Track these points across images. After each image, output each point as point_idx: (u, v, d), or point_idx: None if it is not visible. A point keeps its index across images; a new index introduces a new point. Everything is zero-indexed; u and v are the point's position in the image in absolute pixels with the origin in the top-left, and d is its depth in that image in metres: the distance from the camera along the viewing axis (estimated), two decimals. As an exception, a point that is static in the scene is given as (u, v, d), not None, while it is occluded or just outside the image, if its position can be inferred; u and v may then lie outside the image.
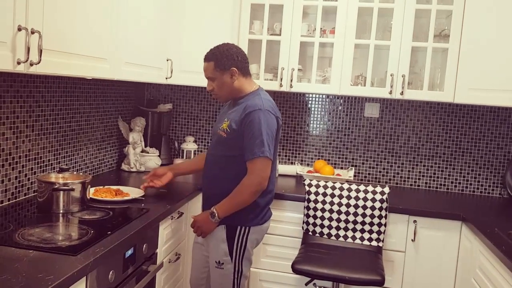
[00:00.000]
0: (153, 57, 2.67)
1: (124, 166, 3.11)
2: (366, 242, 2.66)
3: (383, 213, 2.65)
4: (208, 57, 2.21)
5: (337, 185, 2.74)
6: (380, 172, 3.33)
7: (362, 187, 2.70)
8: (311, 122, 3.38)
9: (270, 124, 2.11)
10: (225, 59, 2.16)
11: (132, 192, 2.41)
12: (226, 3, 2.99)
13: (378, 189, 2.68)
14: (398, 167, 3.31)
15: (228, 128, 2.16)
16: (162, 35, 2.75)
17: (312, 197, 2.72)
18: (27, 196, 2.26)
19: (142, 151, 3.16)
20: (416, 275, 2.71)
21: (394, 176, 3.31)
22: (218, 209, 2.15)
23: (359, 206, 2.67)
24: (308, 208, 2.74)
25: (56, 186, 2.04)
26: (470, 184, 3.23)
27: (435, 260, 2.69)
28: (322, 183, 2.75)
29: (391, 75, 2.90)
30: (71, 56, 1.86)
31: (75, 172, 2.50)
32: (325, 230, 2.72)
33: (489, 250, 2.14)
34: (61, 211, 2.04)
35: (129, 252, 1.88)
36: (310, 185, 2.75)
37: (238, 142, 2.13)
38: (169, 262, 2.37)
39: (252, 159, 2.09)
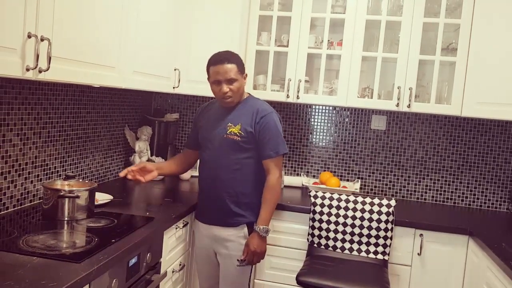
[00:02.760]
0: (161, 67, 2.69)
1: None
2: (371, 255, 2.63)
3: (389, 226, 2.62)
4: (230, 59, 2.24)
5: (343, 197, 2.72)
6: (386, 185, 3.31)
7: (368, 200, 2.68)
8: (318, 133, 3.38)
9: (280, 125, 2.35)
10: (242, 63, 2.30)
11: (100, 197, 2.38)
12: (234, 14, 3.01)
13: (384, 201, 2.66)
14: (405, 180, 3.29)
15: (242, 131, 2.26)
16: (170, 44, 2.77)
17: (318, 208, 2.71)
18: (32, 203, 2.26)
19: (148, 160, 3.16)
20: (422, 289, 2.68)
21: (400, 189, 3.29)
22: (264, 222, 2.27)
23: (365, 219, 2.65)
24: (313, 220, 2.72)
25: (61, 193, 2.04)
26: (477, 199, 3.20)
27: (441, 274, 2.65)
28: (328, 194, 2.74)
29: (398, 88, 2.90)
30: (80, 64, 1.87)
31: (80, 180, 2.50)
32: (331, 243, 2.69)
33: (496, 265, 2.12)
34: (66, 218, 2.04)
35: (133, 260, 1.87)
36: (315, 197, 2.73)
37: (253, 144, 2.28)
38: (172, 272, 2.36)
39: (276, 156, 2.28)
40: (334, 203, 2.70)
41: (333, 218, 2.69)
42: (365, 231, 2.64)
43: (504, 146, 3.14)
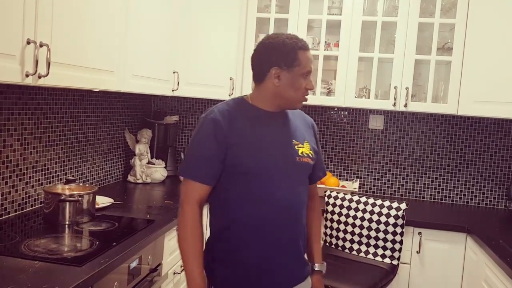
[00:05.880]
0: (160, 70, 2.71)
1: (130, 178, 3.13)
2: (378, 258, 2.61)
3: (398, 230, 2.57)
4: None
5: (355, 198, 2.70)
6: (385, 183, 3.33)
7: (379, 202, 2.64)
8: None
9: None
10: None
11: (100, 201, 2.40)
12: (232, 17, 3.04)
13: (394, 204, 2.60)
14: (403, 178, 3.30)
15: (312, 151, 1.69)
16: (169, 47, 2.79)
17: (330, 208, 2.73)
18: (33, 207, 2.28)
19: (148, 162, 3.18)
20: (421, 287, 2.69)
21: (398, 188, 3.31)
22: (320, 258, 1.81)
23: (373, 221, 2.61)
24: (325, 219, 2.75)
25: (62, 197, 2.05)
26: (475, 196, 3.22)
27: (440, 272, 2.67)
28: (341, 195, 2.74)
29: (394, 88, 2.91)
30: (79, 69, 1.89)
31: (81, 184, 2.52)
32: (340, 242, 2.70)
33: (494, 263, 2.13)
34: (67, 222, 2.06)
35: (134, 263, 1.89)
36: (329, 197, 2.75)
37: None
38: (174, 274, 2.37)
39: (323, 176, 1.85)
40: (345, 203, 2.70)
41: (343, 218, 2.69)
42: (373, 233, 2.62)
43: (501, 143, 3.16)
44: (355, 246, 2.67)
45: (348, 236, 2.68)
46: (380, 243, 2.61)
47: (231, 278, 1.61)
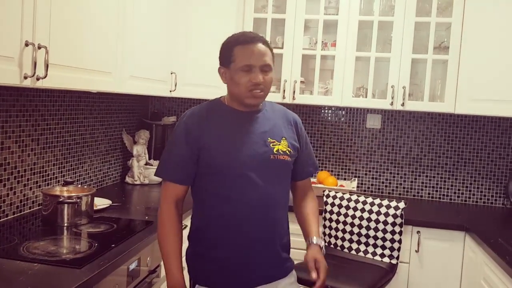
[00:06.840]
0: (157, 71, 2.71)
1: (128, 179, 3.13)
2: (377, 258, 2.60)
3: (397, 229, 2.56)
4: (264, 40, 1.64)
5: (354, 197, 2.70)
6: (382, 183, 3.33)
7: (377, 201, 2.63)
8: (314, 133, 3.40)
9: None
10: (273, 53, 1.70)
11: (99, 202, 2.39)
12: (229, 17, 3.04)
13: (393, 203, 2.59)
14: (401, 177, 3.31)
15: (291, 148, 1.69)
16: (166, 48, 2.79)
17: (328, 208, 2.73)
18: (32, 210, 2.27)
19: (146, 163, 3.17)
20: (420, 286, 2.70)
21: (396, 187, 3.32)
22: (318, 234, 1.74)
23: (371, 220, 2.61)
24: (324, 218, 2.75)
25: (60, 199, 2.05)
26: (473, 194, 3.23)
27: (439, 271, 2.68)
28: (339, 194, 2.74)
29: (392, 87, 2.92)
30: (77, 70, 1.89)
31: (79, 185, 2.52)
32: (339, 242, 2.71)
33: (493, 261, 2.14)
34: (65, 224, 2.05)
35: (133, 265, 1.89)
36: (328, 196, 2.75)
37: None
38: (173, 274, 2.37)
39: (315, 172, 1.89)
40: (344, 203, 2.70)
41: (341, 218, 2.68)
42: (371, 233, 2.61)
43: (498, 141, 3.17)
44: (354, 246, 2.67)
45: (347, 236, 2.68)
46: (379, 242, 2.61)
47: (209, 273, 1.67)
